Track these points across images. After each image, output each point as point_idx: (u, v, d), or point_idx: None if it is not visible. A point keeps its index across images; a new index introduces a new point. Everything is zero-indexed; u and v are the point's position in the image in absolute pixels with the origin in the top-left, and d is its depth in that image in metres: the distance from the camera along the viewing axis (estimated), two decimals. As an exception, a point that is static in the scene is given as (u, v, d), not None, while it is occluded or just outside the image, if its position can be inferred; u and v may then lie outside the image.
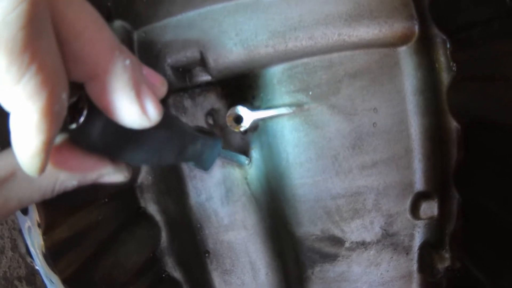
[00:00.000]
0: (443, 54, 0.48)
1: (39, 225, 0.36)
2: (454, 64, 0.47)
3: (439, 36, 0.48)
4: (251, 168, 0.52)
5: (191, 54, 0.47)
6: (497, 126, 0.42)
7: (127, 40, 0.49)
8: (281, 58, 0.46)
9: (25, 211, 0.36)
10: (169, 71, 0.48)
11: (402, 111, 0.48)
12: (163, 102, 0.54)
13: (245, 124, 0.47)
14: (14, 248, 0.62)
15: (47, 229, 0.36)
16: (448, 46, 0.47)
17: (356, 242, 0.50)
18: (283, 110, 0.47)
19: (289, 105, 0.47)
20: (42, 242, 0.36)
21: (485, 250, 0.46)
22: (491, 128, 0.44)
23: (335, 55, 0.47)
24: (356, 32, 0.46)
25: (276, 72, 0.48)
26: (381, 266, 0.52)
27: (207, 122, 0.52)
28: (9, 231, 0.62)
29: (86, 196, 0.43)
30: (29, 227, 0.37)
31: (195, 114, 0.52)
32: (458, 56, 0.47)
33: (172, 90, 0.52)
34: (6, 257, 0.61)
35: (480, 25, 0.41)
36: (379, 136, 0.48)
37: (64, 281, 0.36)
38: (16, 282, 0.63)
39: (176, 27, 0.47)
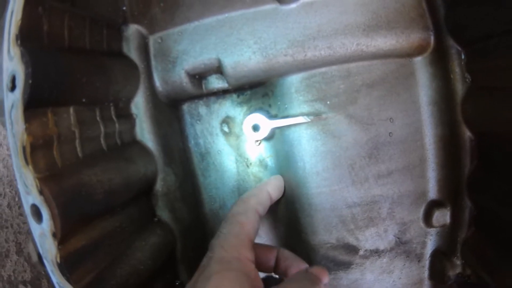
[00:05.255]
0: (457, 65, 0.48)
1: (54, 234, 0.35)
2: (469, 75, 0.48)
3: (454, 47, 0.48)
4: (266, 176, 0.52)
5: (209, 61, 0.46)
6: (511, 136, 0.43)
7: (142, 45, 0.48)
8: (300, 67, 0.46)
9: (39, 219, 0.35)
10: (185, 78, 0.47)
11: (417, 121, 0.48)
12: (178, 110, 0.53)
13: (263, 132, 0.47)
14: (20, 251, 0.60)
15: (62, 238, 0.35)
16: (462, 57, 0.48)
17: (370, 250, 0.51)
18: (301, 119, 0.47)
19: (307, 114, 0.47)
20: (57, 252, 0.35)
21: (496, 257, 0.47)
22: (504, 137, 0.44)
23: (352, 65, 0.47)
24: (374, 42, 0.46)
25: (294, 81, 0.47)
26: (394, 274, 0.52)
27: (222, 130, 0.52)
28: (14, 234, 0.60)
29: (102, 204, 0.42)
30: (42, 235, 0.36)
31: (210, 122, 0.52)
32: (472, 67, 0.47)
33: (188, 97, 0.51)
34: (11, 260, 0.59)
35: (496, 37, 0.42)
36: (395, 145, 0.48)
37: None
38: (21, 286, 0.61)
39: (193, 34, 0.47)
